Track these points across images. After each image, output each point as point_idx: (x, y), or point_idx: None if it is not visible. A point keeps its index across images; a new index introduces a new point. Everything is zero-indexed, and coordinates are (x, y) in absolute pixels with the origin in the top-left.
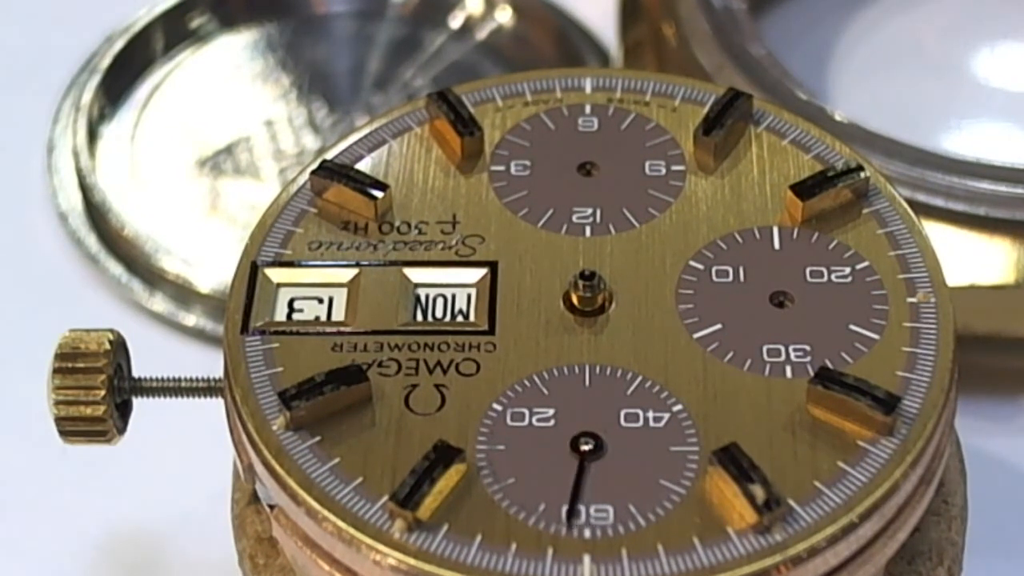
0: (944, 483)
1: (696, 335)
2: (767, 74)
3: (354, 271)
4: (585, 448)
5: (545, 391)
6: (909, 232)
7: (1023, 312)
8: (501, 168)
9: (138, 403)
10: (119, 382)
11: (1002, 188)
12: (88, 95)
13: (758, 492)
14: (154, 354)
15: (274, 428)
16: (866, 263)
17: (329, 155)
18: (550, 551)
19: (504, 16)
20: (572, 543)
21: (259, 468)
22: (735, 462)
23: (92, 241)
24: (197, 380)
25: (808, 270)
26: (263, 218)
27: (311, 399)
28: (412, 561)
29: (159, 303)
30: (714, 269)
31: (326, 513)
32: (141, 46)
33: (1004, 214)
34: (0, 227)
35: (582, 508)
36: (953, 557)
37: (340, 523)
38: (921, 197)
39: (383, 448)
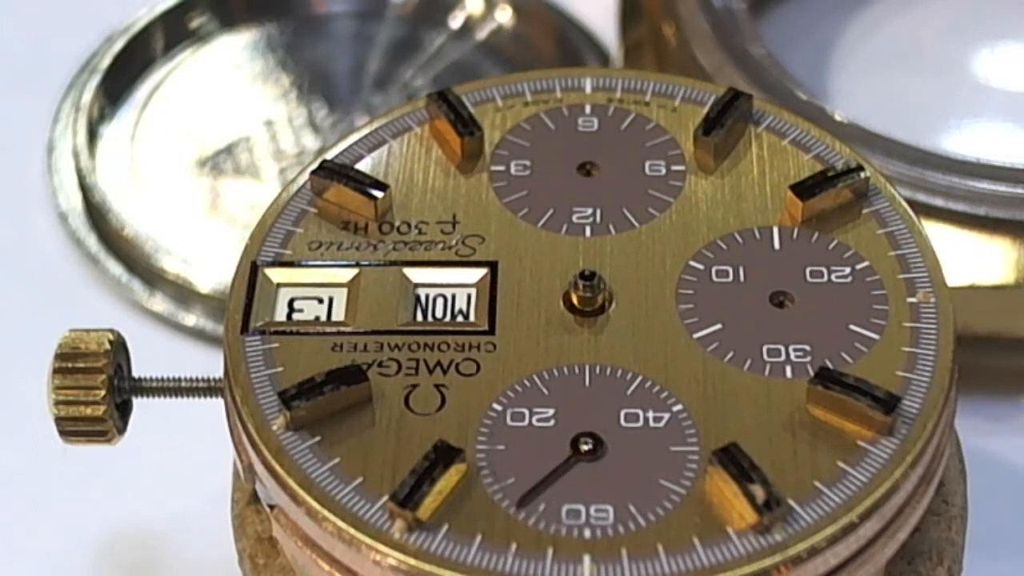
0: (944, 483)
1: (696, 335)
2: (767, 74)
3: (354, 271)
4: (585, 448)
5: (545, 391)
6: (909, 232)
7: (1023, 312)
8: (501, 168)
9: (138, 403)
10: (119, 382)
11: (1002, 188)
12: (88, 95)
13: (758, 492)
14: (154, 354)
15: (274, 428)
16: (866, 263)
17: (329, 155)
18: (550, 551)
19: (504, 16)
20: (572, 543)
21: (259, 468)
22: (735, 462)
23: (92, 241)
24: (197, 380)
25: (808, 270)
26: (263, 218)
27: (311, 399)
28: (412, 561)
29: (159, 303)
30: (714, 269)
31: (326, 513)
32: (141, 46)
33: (1004, 214)
34: (0, 227)
35: (574, 507)
36: (953, 557)
37: (340, 523)
38: (921, 197)
39: (383, 448)
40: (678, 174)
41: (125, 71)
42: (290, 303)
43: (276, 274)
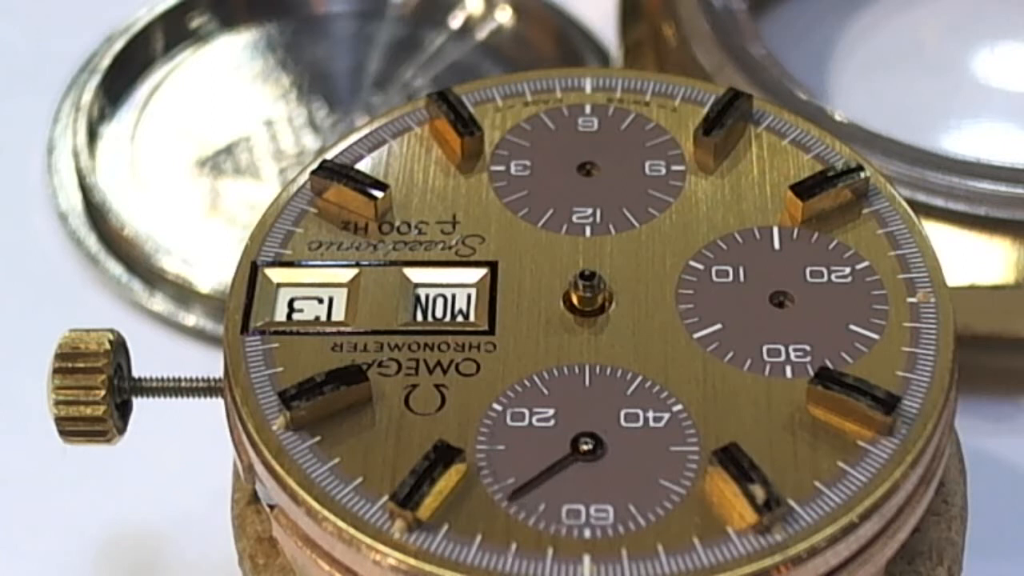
0: (944, 483)
1: (696, 335)
2: (767, 74)
3: (354, 271)
4: (585, 448)
5: (545, 391)
6: (909, 232)
7: (1023, 312)
8: (501, 168)
9: (138, 403)
10: (119, 382)
11: (1002, 188)
12: (88, 95)
13: (758, 492)
14: (154, 354)
15: (274, 428)
16: (866, 263)
17: (329, 155)
18: (550, 551)
19: (504, 16)
20: (572, 543)
21: (259, 468)
22: (735, 462)
23: (92, 241)
24: (197, 380)
25: (808, 270)
26: (263, 218)
27: (311, 399)
28: (412, 561)
29: (159, 303)
30: (714, 269)
31: (326, 513)
32: (141, 46)
33: (1004, 214)
34: (0, 227)
35: (574, 506)
36: (953, 557)
37: (340, 523)
38: (921, 197)
39: (383, 448)
40: (678, 174)
41: (125, 71)
42: (290, 303)
43: (276, 274)
